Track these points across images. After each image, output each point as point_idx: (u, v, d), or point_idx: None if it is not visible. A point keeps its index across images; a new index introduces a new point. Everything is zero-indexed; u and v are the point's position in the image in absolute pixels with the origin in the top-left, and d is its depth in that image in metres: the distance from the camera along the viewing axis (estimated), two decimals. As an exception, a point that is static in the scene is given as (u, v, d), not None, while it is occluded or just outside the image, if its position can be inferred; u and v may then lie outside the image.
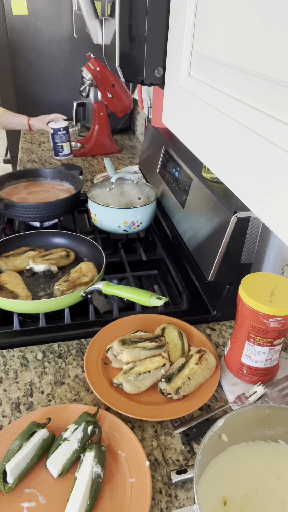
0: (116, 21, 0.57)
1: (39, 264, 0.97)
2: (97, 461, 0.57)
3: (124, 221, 1.08)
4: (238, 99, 0.36)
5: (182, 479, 0.58)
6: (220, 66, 0.39)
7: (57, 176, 1.38)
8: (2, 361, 0.77)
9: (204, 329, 0.87)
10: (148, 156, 1.38)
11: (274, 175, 0.30)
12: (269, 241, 0.92)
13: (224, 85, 0.39)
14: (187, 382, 0.69)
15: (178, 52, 0.49)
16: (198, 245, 0.90)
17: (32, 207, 1.15)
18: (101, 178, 1.50)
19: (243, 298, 0.64)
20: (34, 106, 2.18)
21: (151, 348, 0.73)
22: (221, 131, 0.38)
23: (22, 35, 1.99)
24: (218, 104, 0.39)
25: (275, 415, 0.53)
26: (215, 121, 0.40)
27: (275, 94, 0.30)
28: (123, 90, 1.73)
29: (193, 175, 0.97)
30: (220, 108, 0.39)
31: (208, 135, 0.42)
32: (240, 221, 0.77)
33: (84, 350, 0.80)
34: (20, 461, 0.57)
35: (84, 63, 1.67)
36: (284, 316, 0.62)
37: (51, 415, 0.65)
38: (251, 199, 0.34)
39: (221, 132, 0.38)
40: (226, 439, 0.53)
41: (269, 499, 0.50)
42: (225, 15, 0.37)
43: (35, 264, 0.97)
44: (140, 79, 0.59)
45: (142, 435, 0.65)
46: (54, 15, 1.96)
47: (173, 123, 0.55)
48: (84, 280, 0.92)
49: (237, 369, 0.72)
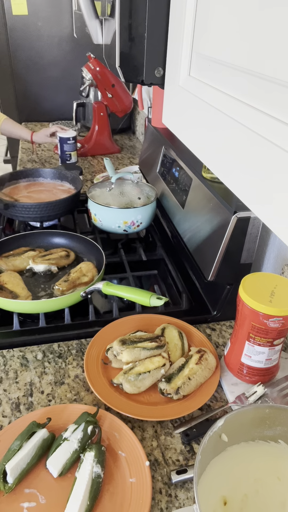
0: (116, 21, 0.57)
1: (39, 264, 0.97)
2: (97, 461, 0.57)
3: (124, 221, 1.08)
4: (238, 99, 0.36)
5: (182, 479, 0.58)
6: (220, 66, 0.39)
7: (57, 176, 1.38)
8: (2, 361, 0.77)
9: (204, 329, 0.87)
10: (148, 156, 1.38)
11: (275, 175, 0.30)
12: (269, 241, 0.92)
13: (224, 85, 0.39)
14: (187, 382, 0.69)
15: (178, 52, 0.49)
16: (198, 245, 0.90)
17: (32, 207, 1.15)
18: (101, 178, 1.50)
19: (243, 298, 0.64)
20: (34, 106, 2.18)
21: (151, 348, 0.73)
22: (221, 131, 0.38)
23: (22, 35, 1.99)
24: (218, 104, 0.39)
25: (275, 415, 0.53)
26: (215, 121, 0.40)
27: (275, 94, 0.30)
28: (123, 90, 1.73)
29: (193, 175, 0.97)
30: (220, 108, 0.39)
31: (208, 135, 0.42)
32: (240, 221, 0.77)
33: (84, 350, 0.80)
34: (20, 461, 0.57)
35: (84, 63, 1.67)
36: (284, 316, 0.62)
37: (51, 415, 0.65)
38: (252, 199, 0.34)
39: (221, 132, 0.38)
40: (226, 439, 0.53)
41: (269, 499, 0.50)
42: (225, 15, 0.37)
43: (35, 264, 0.97)
44: (140, 79, 0.59)
45: (142, 435, 0.65)
46: (54, 15, 1.96)
47: (173, 123, 0.55)
48: (84, 280, 0.92)
49: (237, 369, 0.72)
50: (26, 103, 2.17)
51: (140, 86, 1.76)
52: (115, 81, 1.68)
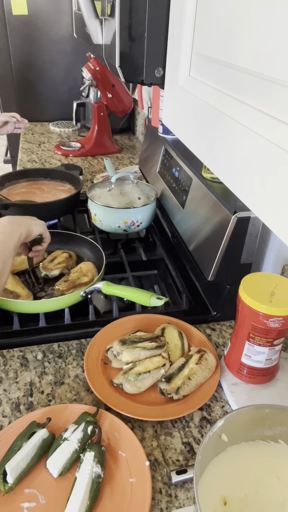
0: (116, 21, 0.57)
1: (54, 270, 0.96)
2: (97, 461, 0.57)
3: (124, 221, 1.08)
4: (239, 99, 0.36)
5: (182, 479, 0.58)
6: (220, 66, 0.39)
7: (57, 176, 1.38)
8: (2, 361, 0.77)
9: (204, 329, 0.87)
10: (148, 156, 1.38)
11: (275, 175, 0.30)
12: (269, 241, 0.92)
13: (224, 85, 0.39)
14: (187, 382, 0.69)
15: (178, 52, 0.49)
16: (198, 245, 0.90)
17: (32, 207, 1.15)
18: (101, 178, 1.50)
19: (243, 298, 0.64)
20: (34, 106, 2.18)
21: (151, 348, 0.73)
22: (221, 131, 0.38)
23: (22, 35, 1.99)
24: (219, 104, 0.39)
25: (275, 415, 0.53)
26: (215, 121, 0.40)
27: (275, 94, 0.30)
28: (123, 90, 1.73)
29: (193, 175, 0.97)
30: (220, 108, 0.39)
31: (208, 135, 0.42)
32: (240, 221, 0.77)
33: (84, 350, 0.80)
34: (20, 461, 0.57)
35: (84, 63, 1.67)
36: (284, 316, 0.62)
37: (51, 415, 0.65)
38: (252, 200, 0.34)
39: (221, 132, 0.38)
40: (226, 439, 0.53)
41: (269, 499, 0.50)
42: (225, 15, 0.37)
43: (49, 271, 0.96)
44: (140, 79, 0.59)
45: (142, 435, 0.65)
46: (54, 15, 1.96)
47: (173, 123, 0.55)
48: (84, 280, 0.92)
49: (237, 369, 0.71)
50: (26, 103, 2.17)
51: (140, 86, 1.76)
52: (115, 81, 1.68)
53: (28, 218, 0.80)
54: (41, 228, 0.82)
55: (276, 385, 0.72)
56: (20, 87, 2.13)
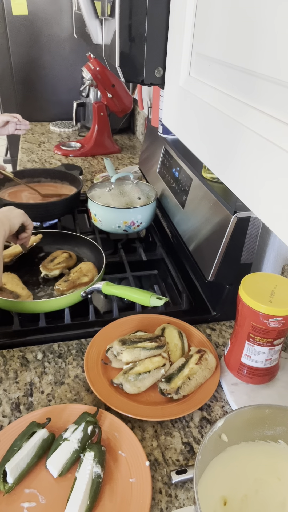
0: (116, 21, 0.57)
1: (54, 270, 0.96)
2: (97, 461, 0.57)
3: (124, 221, 1.08)
4: (239, 99, 0.36)
5: (182, 479, 0.58)
6: (221, 66, 0.39)
7: (57, 176, 1.38)
8: (2, 361, 0.77)
9: (204, 329, 0.87)
10: (148, 156, 1.38)
11: (276, 175, 0.30)
12: (269, 241, 0.92)
13: (224, 85, 0.39)
14: (187, 382, 0.69)
15: (178, 52, 0.49)
16: (198, 245, 0.90)
17: (32, 207, 1.15)
18: (101, 178, 1.50)
19: (243, 298, 0.64)
20: (34, 106, 2.18)
21: (151, 348, 0.73)
22: (222, 131, 0.38)
23: (22, 35, 1.99)
24: (219, 104, 0.39)
25: (275, 415, 0.53)
26: (216, 121, 0.40)
27: (274, 94, 0.30)
28: (123, 90, 1.73)
29: (193, 175, 0.97)
30: (220, 108, 0.39)
31: (208, 135, 0.42)
32: (240, 221, 0.77)
33: (84, 350, 0.80)
34: (20, 461, 0.57)
35: (84, 63, 1.67)
36: (284, 316, 0.62)
37: (51, 415, 0.65)
38: (253, 200, 0.34)
39: (222, 132, 0.38)
40: (226, 439, 0.53)
41: (269, 499, 0.50)
42: (225, 15, 0.37)
43: (49, 271, 0.96)
44: (140, 79, 0.59)
45: (142, 435, 0.65)
46: (54, 15, 1.96)
47: (173, 123, 0.55)
48: (84, 280, 0.92)
49: (237, 369, 0.71)
50: (26, 103, 2.17)
51: (140, 86, 1.76)
52: (115, 81, 1.68)
53: (6, 211, 0.81)
54: (21, 218, 0.83)
55: (276, 385, 0.72)
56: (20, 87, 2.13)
